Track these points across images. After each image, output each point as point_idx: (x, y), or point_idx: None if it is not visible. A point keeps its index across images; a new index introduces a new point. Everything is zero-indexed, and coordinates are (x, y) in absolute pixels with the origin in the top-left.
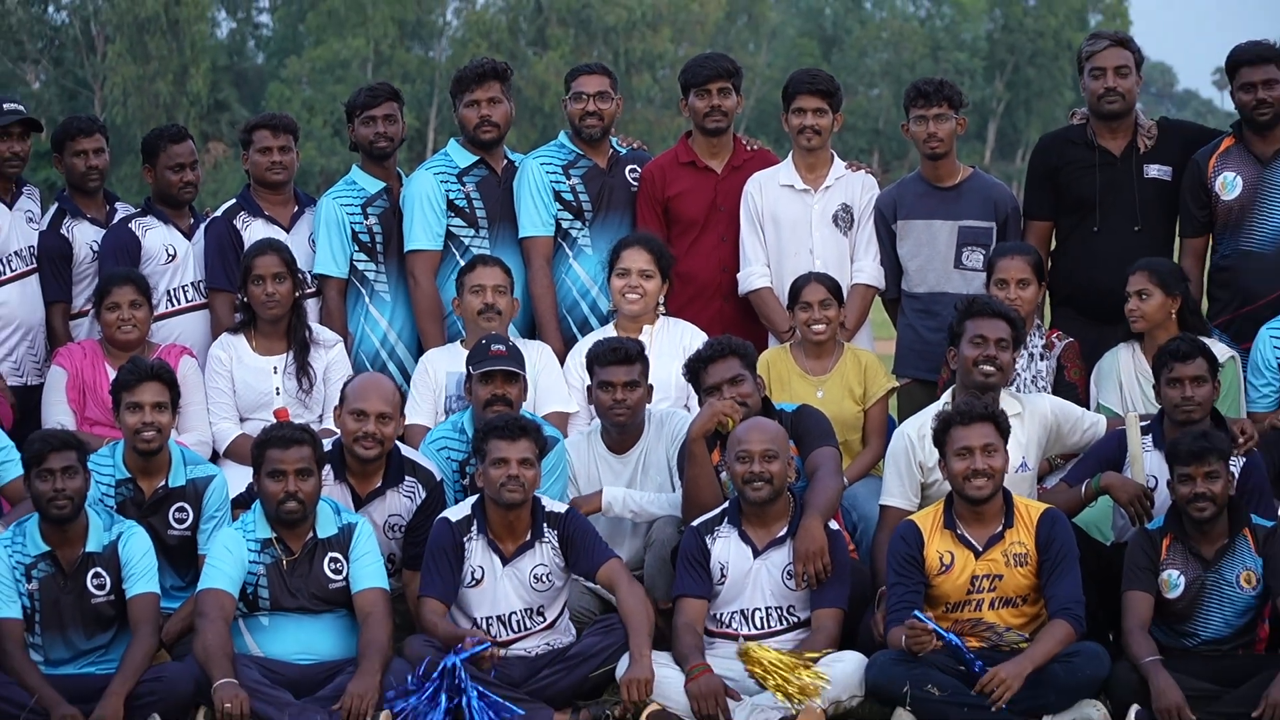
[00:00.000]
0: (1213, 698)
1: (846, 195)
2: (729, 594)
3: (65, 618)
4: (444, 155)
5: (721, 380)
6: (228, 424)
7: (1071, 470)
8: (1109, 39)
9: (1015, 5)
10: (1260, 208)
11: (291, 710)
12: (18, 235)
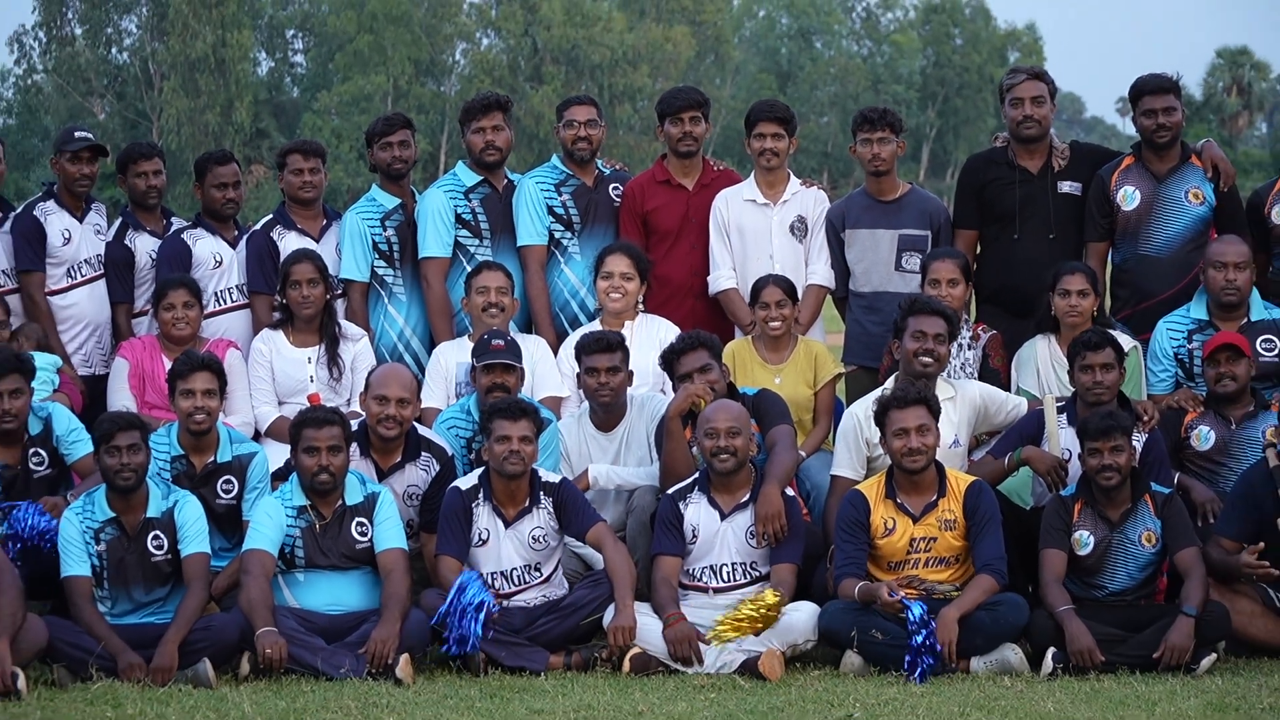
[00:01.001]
0: (1119, 641)
1: (801, 208)
2: (700, 552)
3: (129, 575)
4: (453, 175)
5: (693, 368)
6: (268, 407)
7: (995, 445)
8: (1026, 73)
9: (945, 44)
10: (1156, 218)
11: (324, 654)
12: (87, 245)
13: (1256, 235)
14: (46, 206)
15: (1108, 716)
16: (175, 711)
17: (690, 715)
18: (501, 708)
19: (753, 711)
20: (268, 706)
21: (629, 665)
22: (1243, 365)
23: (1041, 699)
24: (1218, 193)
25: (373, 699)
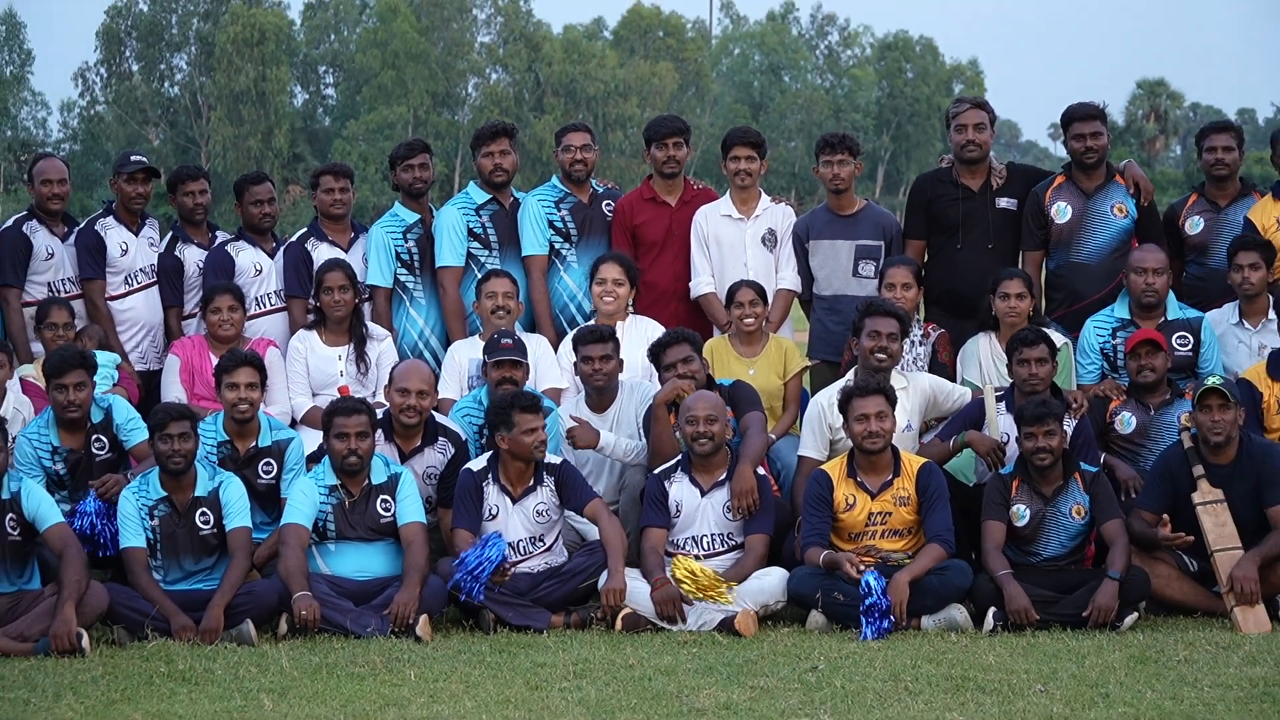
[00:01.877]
0: (1051, 602)
1: (771, 222)
2: (683, 524)
3: (179, 546)
4: (466, 194)
5: (676, 360)
6: (303, 398)
7: (943, 429)
8: (969, 102)
9: (898, 78)
10: (1085, 229)
11: (352, 615)
12: (142, 256)
13: (1173, 244)
14: (106, 222)
15: (1042, 668)
16: (221, 666)
17: (675, 667)
18: (509, 661)
19: (730, 664)
20: (303, 661)
21: (621, 624)
22: (1160, 358)
23: (984, 652)
24: (1139, 207)
25: (395, 654)
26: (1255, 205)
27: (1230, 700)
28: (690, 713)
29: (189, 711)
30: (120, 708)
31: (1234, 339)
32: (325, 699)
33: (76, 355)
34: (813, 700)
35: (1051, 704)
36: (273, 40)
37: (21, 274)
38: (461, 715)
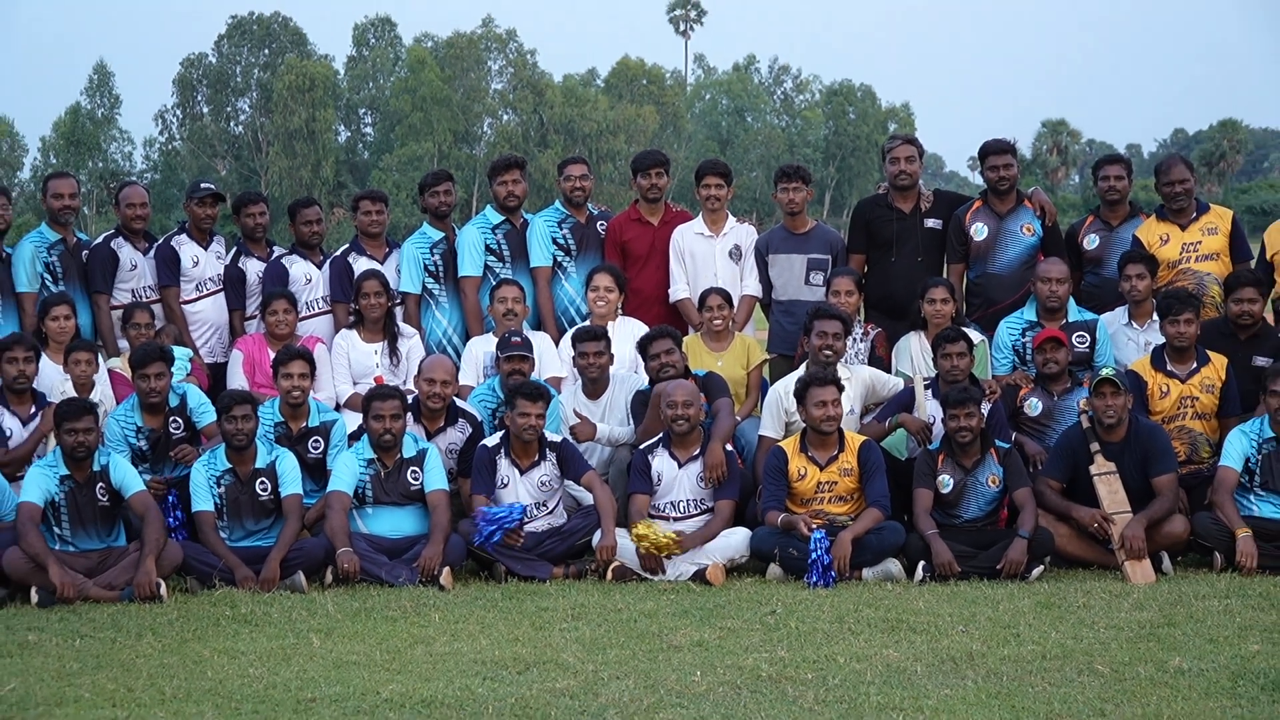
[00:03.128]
0: (971, 556)
1: (737, 239)
2: (663, 492)
3: (242, 510)
4: (483, 216)
5: (660, 352)
6: (345, 386)
7: (879, 412)
8: (902, 139)
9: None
10: (999, 246)
11: (386, 567)
12: (211, 267)
13: (1072, 258)
14: (180, 239)
15: (963, 612)
16: (277, 610)
17: (656, 611)
18: (517, 606)
19: (702, 608)
20: (345, 605)
21: (611, 575)
22: (1062, 353)
23: (914, 599)
24: (1044, 227)
25: (423, 600)
26: (1142, 225)
27: (1122, 640)
28: (669, 649)
29: (250, 648)
30: (192, 645)
31: (1124, 337)
32: (364, 637)
33: (157, 350)
34: (771, 639)
35: (971, 642)
36: (321, 87)
37: (110, 282)
38: (478, 651)
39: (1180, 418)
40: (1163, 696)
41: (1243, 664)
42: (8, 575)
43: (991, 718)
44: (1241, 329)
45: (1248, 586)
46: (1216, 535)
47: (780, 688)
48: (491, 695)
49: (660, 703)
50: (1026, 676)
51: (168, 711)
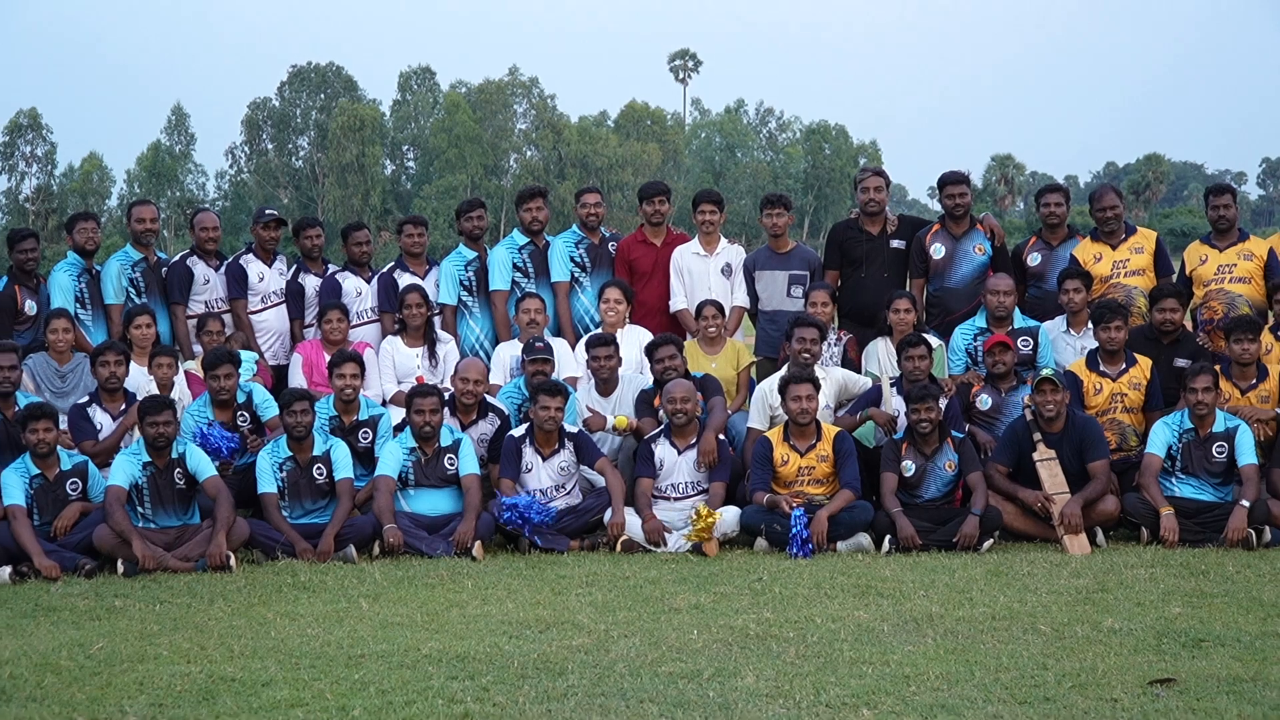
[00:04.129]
0: (931, 531)
1: (728, 258)
2: (664, 475)
3: (301, 491)
4: (511, 238)
5: (664, 356)
6: (391, 385)
7: (851, 407)
8: (871, 171)
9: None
10: (954, 263)
11: (426, 541)
12: (274, 282)
13: (1018, 274)
14: (247, 258)
15: (924, 578)
16: (332, 578)
17: (659, 579)
18: (540, 574)
19: (698, 575)
20: (391, 574)
21: (620, 547)
22: (1009, 356)
23: (882, 568)
24: (993, 247)
25: (458, 569)
26: (1078, 245)
27: (1061, 603)
28: (669, 611)
29: (308, 611)
30: (258, 609)
31: (1063, 343)
32: (406, 602)
33: (227, 354)
34: (758, 602)
35: (930, 605)
36: (369, 127)
37: (186, 295)
38: (505, 613)
39: (1111, 411)
40: (1097, 653)
41: (1166, 624)
42: (98, 549)
43: (948, 670)
44: (1164, 335)
45: (1170, 557)
46: (1143, 513)
47: (766, 644)
48: (517, 651)
49: (662, 658)
50: (978, 635)
51: (236, 667)
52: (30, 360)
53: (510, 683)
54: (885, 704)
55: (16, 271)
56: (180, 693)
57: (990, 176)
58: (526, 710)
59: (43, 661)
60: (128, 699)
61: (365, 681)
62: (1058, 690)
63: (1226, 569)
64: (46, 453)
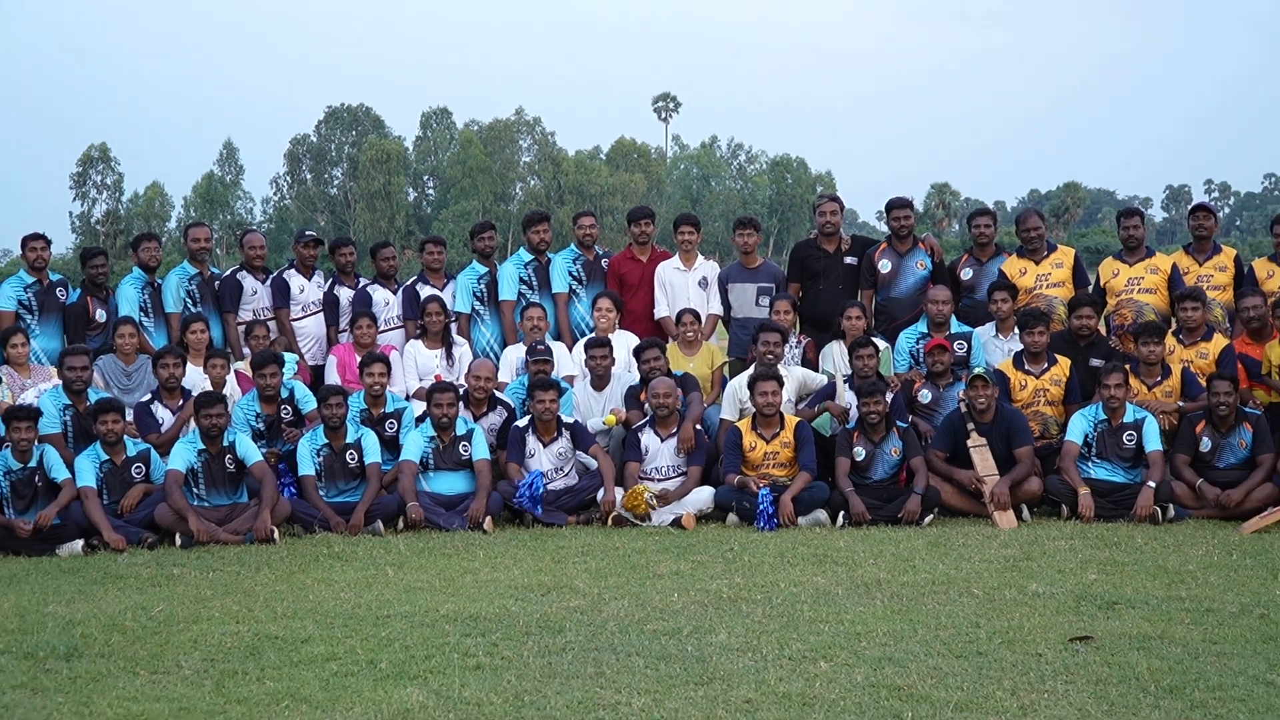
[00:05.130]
0: (879, 508)
1: (705, 272)
2: (649, 459)
3: (336, 474)
4: (518, 255)
5: (650, 358)
6: (414, 382)
7: (810, 400)
8: (828, 197)
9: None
10: (899, 277)
11: (444, 516)
12: (313, 294)
13: (953, 286)
14: (289, 272)
15: (873, 549)
16: (362, 549)
17: (645, 549)
18: (541, 545)
19: (678, 546)
20: (414, 545)
21: (611, 522)
22: (947, 356)
23: (837, 540)
24: (933, 263)
25: (471, 540)
26: (1006, 261)
27: (992, 570)
28: (654, 577)
29: (341, 578)
30: (298, 576)
31: (993, 346)
32: (426, 569)
33: (272, 355)
34: (730, 569)
35: (879, 571)
36: (394, 159)
37: (236, 305)
38: (511, 579)
39: (1035, 404)
40: (1023, 613)
41: (1084, 589)
42: (158, 524)
43: (894, 628)
44: (1081, 339)
45: (1087, 531)
46: (1063, 492)
47: (737, 606)
48: (522, 612)
49: (648, 617)
50: (920, 597)
51: (279, 626)
52: (100, 361)
53: (516, 639)
54: (840, 657)
55: (89, 284)
56: (230, 649)
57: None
58: (530, 663)
59: (110, 622)
60: (184, 655)
61: (391, 638)
62: (989, 646)
63: (1136, 541)
64: (114, 441)
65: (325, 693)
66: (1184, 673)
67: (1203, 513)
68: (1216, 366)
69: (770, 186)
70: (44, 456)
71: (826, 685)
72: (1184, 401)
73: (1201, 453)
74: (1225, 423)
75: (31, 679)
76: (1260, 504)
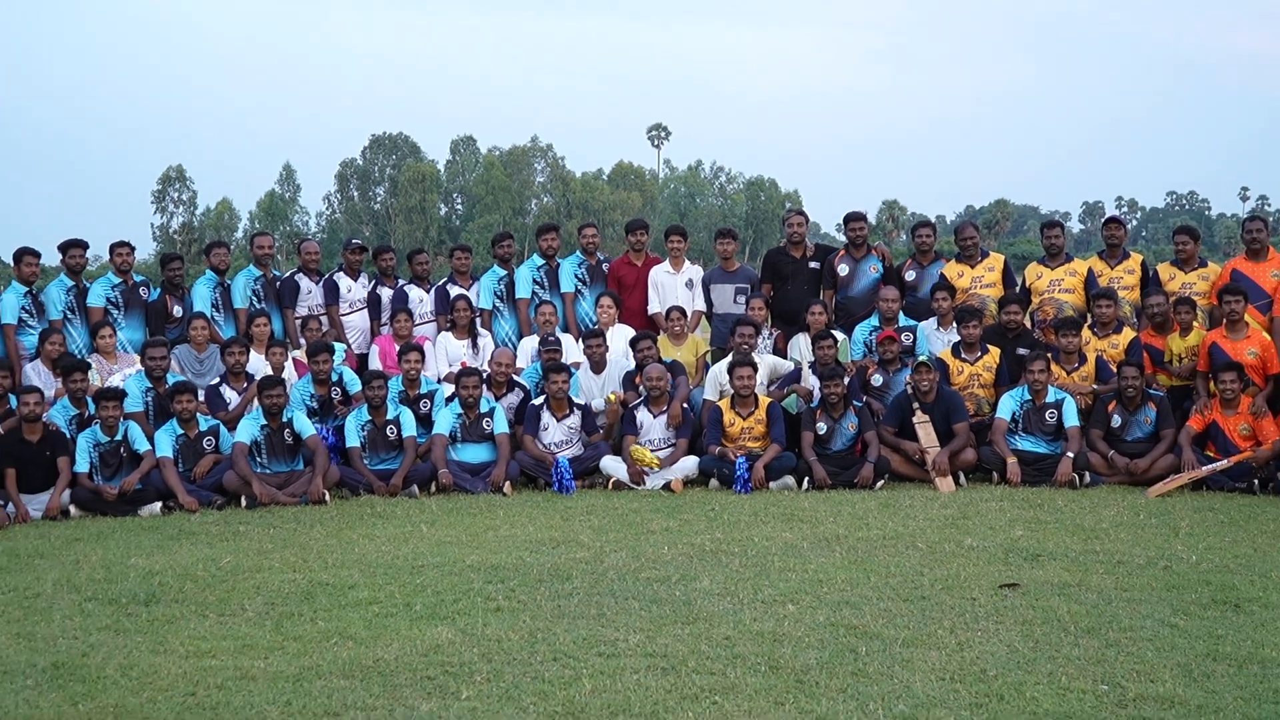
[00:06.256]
0: (838, 474)
1: (691, 275)
2: (643, 433)
3: (378, 445)
4: (532, 260)
5: (644, 347)
6: (444, 368)
7: (779, 384)
8: (795, 211)
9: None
10: (855, 280)
11: (469, 481)
12: (359, 293)
13: (901, 286)
14: (339, 275)
15: (832, 509)
16: (400, 509)
17: (640, 509)
18: (552, 505)
19: (668, 506)
20: (445, 505)
21: (611, 485)
22: (896, 346)
23: (802, 501)
24: (884, 267)
25: (493, 501)
26: (945, 265)
27: (934, 526)
28: (647, 533)
29: (382, 533)
30: (346, 532)
31: (935, 337)
32: (454, 526)
33: (324, 345)
34: (713, 526)
35: (838, 528)
36: (428, 180)
37: (294, 302)
38: (527, 534)
39: (970, 387)
40: (960, 563)
41: (1012, 543)
42: (226, 489)
43: (851, 576)
44: (1009, 331)
45: (1014, 494)
46: (994, 461)
47: (717, 557)
48: (535, 562)
49: (642, 567)
50: (873, 550)
51: (329, 574)
52: (176, 350)
53: (530, 585)
54: (805, 601)
55: (167, 285)
56: (287, 594)
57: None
58: (542, 605)
59: (184, 572)
60: (247, 599)
61: (424, 585)
62: (931, 591)
63: (1056, 503)
64: (189, 418)
65: (368, 631)
66: (1099, 616)
67: (1114, 479)
68: (1125, 355)
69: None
70: (128, 431)
71: (794, 624)
72: (1098, 384)
73: (1113, 428)
74: (1133, 402)
75: (115, 621)
76: (1163, 472)
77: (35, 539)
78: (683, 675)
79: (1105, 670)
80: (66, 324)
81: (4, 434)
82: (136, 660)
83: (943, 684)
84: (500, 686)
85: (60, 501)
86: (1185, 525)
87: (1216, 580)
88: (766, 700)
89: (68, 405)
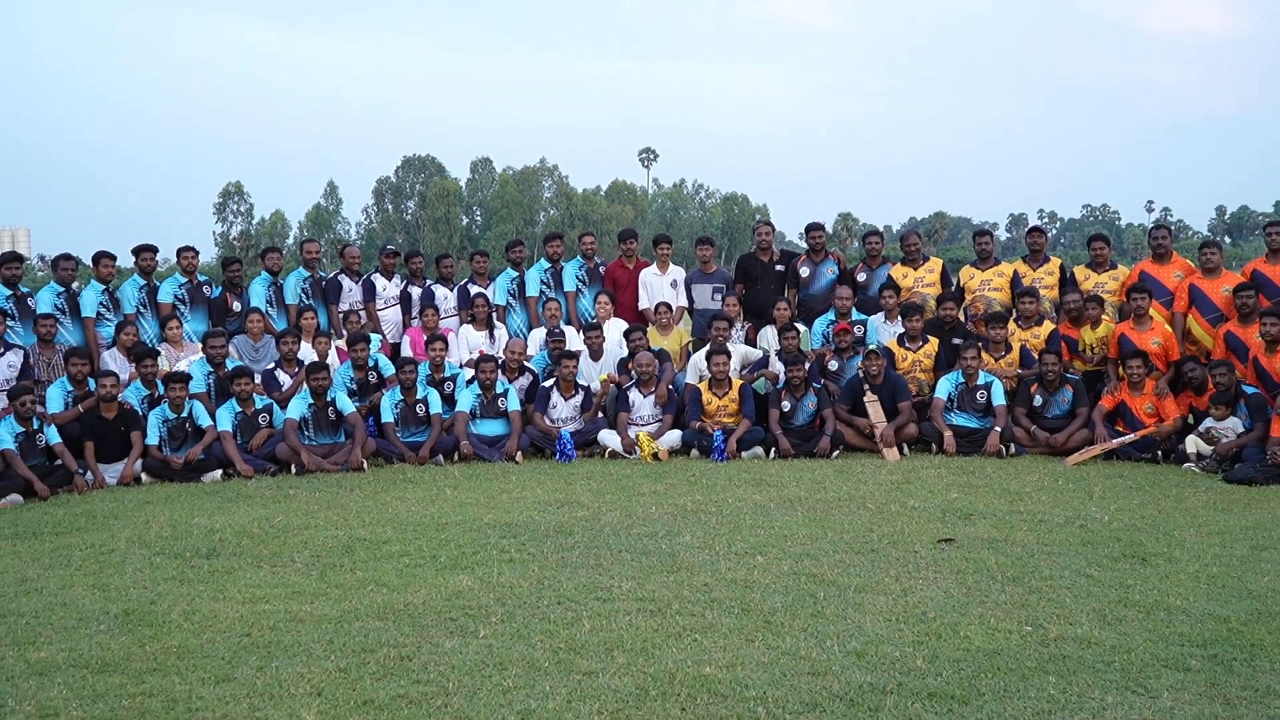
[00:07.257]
0: (800, 445)
1: (675, 276)
2: (635, 410)
3: (409, 421)
4: (539, 264)
5: (636, 337)
6: (465, 355)
7: (749, 369)
8: (764, 221)
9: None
10: (815, 280)
11: (487, 451)
12: (393, 291)
13: (853, 286)
14: (375, 276)
15: (795, 475)
16: (427, 475)
17: (632, 475)
18: (558, 471)
19: (656, 472)
20: (466, 473)
21: (607, 454)
22: (849, 337)
23: (770, 469)
24: (840, 270)
25: (507, 469)
26: (891, 268)
27: (881, 490)
28: (638, 495)
29: (412, 495)
30: (380, 495)
31: (883, 329)
32: (474, 489)
33: (362, 336)
34: (693, 489)
35: (800, 491)
36: (452, 195)
37: (337, 299)
38: (535, 496)
39: (913, 371)
40: (904, 521)
41: (948, 504)
42: (278, 458)
43: (811, 533)
44: (946, 324)
45: (950, 463)
46: (933, 435)
47: (697, 516)
48: (542, 520)
49: (634, 524)
50: (830, 510)
51: (366, 531)
52: (235, 340)
53: (539, 540)
54: (771, 554)
55: (227, 284)
56: (330, 548)
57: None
58: (548, 557)
59: (241, 530)
60: (296, 553)
61: (448, 540)
62: (880, 545)
63: (986, 470)
64: (246, 398)
65: (400, 579)
66: (1023, 567)
67: (1035, 450)
68: (1046, 344)
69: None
70: (193, 409)
71: (762, 573)
72: (1022, 369)
73: (1035, 406)
74: (1052, 385)
75: (180, 573)
76: (1079, 444)
77: (110, 502)
78: (668, 616)
79: (1029, 614)
80: (139, 317)
81: (85, 412)
82: (198, 606)
83: (889, 624)
84: (512, 626)
85: (133, 470)
86: (1098, 490)
87: (1126, 537)
88: (739, 638)
89: (140, 387)
